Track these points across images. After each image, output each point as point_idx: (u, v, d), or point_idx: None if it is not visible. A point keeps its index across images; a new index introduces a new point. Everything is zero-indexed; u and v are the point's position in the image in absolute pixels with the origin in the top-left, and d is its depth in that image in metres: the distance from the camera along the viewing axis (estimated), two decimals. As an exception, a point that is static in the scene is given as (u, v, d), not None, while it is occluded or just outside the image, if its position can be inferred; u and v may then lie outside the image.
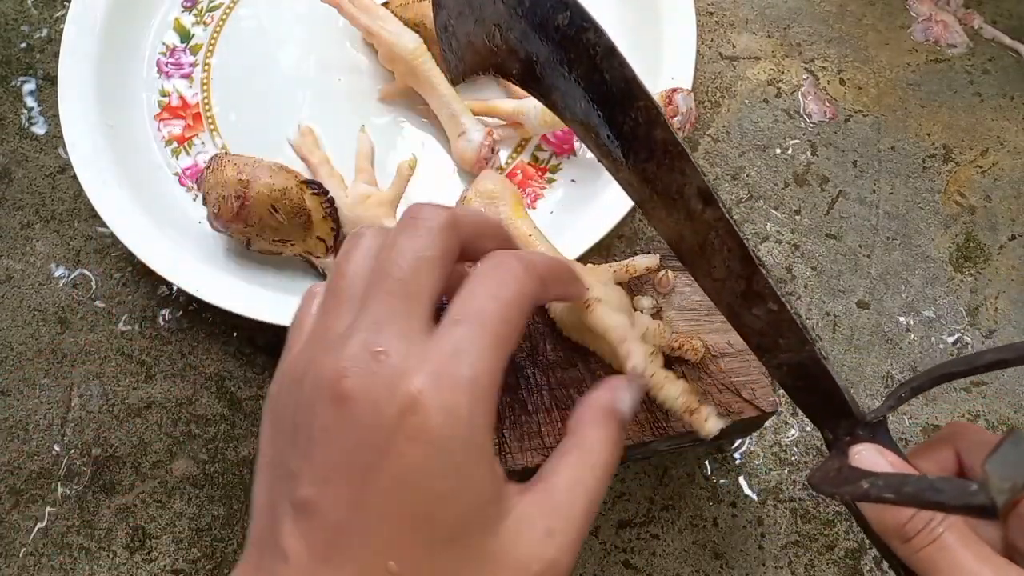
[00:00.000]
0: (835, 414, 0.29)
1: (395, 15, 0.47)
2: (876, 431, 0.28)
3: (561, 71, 0.28)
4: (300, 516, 0.22)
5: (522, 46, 0.30)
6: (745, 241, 0.27)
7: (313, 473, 0.22)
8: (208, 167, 0.42)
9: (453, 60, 0.34)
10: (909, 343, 0.46)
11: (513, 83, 0.32)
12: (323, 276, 0.44)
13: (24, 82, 0.52)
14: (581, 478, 0.25)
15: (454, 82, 0.35)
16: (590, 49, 0.28)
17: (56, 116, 0.46)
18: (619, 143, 0.25)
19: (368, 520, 0.22)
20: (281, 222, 0.41)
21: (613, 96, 0.27)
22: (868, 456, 0.27)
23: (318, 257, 0.43)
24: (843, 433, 0.29)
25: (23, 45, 0.53)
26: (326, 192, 0.42)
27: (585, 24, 0.28)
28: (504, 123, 0.47)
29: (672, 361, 0.35)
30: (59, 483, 0.42)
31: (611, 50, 0.27)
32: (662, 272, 0.37)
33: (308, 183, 0.42)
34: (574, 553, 0.24)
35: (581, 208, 0.44)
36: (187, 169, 0.47)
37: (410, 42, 0.45)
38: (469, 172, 0.47)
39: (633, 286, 0.37)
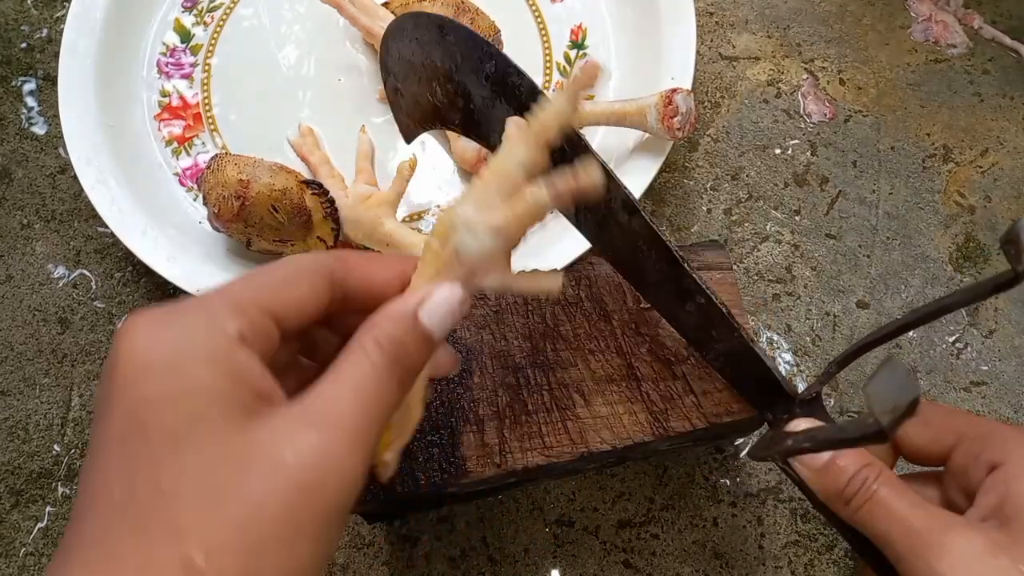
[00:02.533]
0: (772, 395, 0.32)
1: (395, 15, 0.47)
2: (813, 408, 0.31)
3: (495, 112, 0.32)
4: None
5: (460, 97, 0.34)
6: (668, 244, 0.30)
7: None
8: (208, 167, 0.42)
9: (404, 120, 0.38)
10: (909, 343, 0.46)
11: (457, 132, 0.36)
12: None
13: (24, 82, 0.52)
14: (368, 395, 0.22)
15: (407, 139, 0.39)
16: (515, 90, 0.32)
17: (56, 116, 0.46)
18: (552, 170, 0.26)
19: (93, 445, 0.21)
20: (281, 222, 0.41)
21: None
22: (799, 424, 0.31)
23: None
24: (781, 412, 0.32)
25: (23, 45, 0.53)
26: (326, 192, 0.42)
27: (509, 70, 0.32)
28: (504, 123, 0.47)
29: (672, 362, 0.35)
30: (59, 483, 0.42)
31: (533, 89, 0.31)
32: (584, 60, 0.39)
33: (308, 183, 0.42)
34: (344, 452, 0.21)
35: (581, 208, 0.45)
36: (187, 169, 0.47)
37: (410, 42, 0.45)
38: (469, 172, 0.47)
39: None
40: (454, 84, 0.33)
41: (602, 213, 0.31)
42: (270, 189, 0.40)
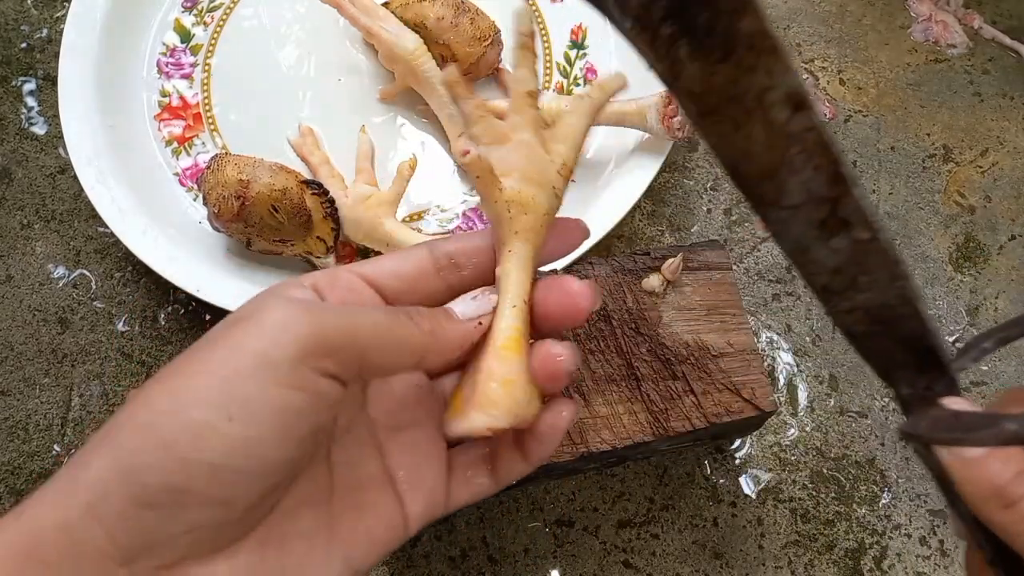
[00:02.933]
0: (916, 364, 0.25)
1: (395, 15, 0.47)
2: (951, 388, 0.25)
3: None
4: None
5: None
6: (839, 156, 0.22)
7: None
8: (208, 167, 0.42)
9: None
10: (909, 343, 0.46)
11: None
12: None
13: (24, 82, 0.52)
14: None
15: None
16: None
17: (56, 116, 0.46)
18: (687, 39, 0.21)
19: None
20: (281, 222, 0.41)
21: None
22: (955, 403, 0.25)
23: (318, 257, 0.43)
24: (923, 386, 0.25)
25: (23, 45, 0.53)
26: (326, 192, 0.42)
27: None
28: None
29: (672, 362, 0.35)
30: (59, 483, 0.42)
31: None
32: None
33: (308, 183, 0.42)
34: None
35: (581, 209, 0.44)
36: (187, 169, 0.47)
37: (410, 42, 0.45)
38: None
39: (640, 270, 0.37)
40: None
41: (749, 105, 0.23)
42: (270, 189, 0.40)
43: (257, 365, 0.21)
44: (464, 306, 0.25)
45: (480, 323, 0.25)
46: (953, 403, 0.25)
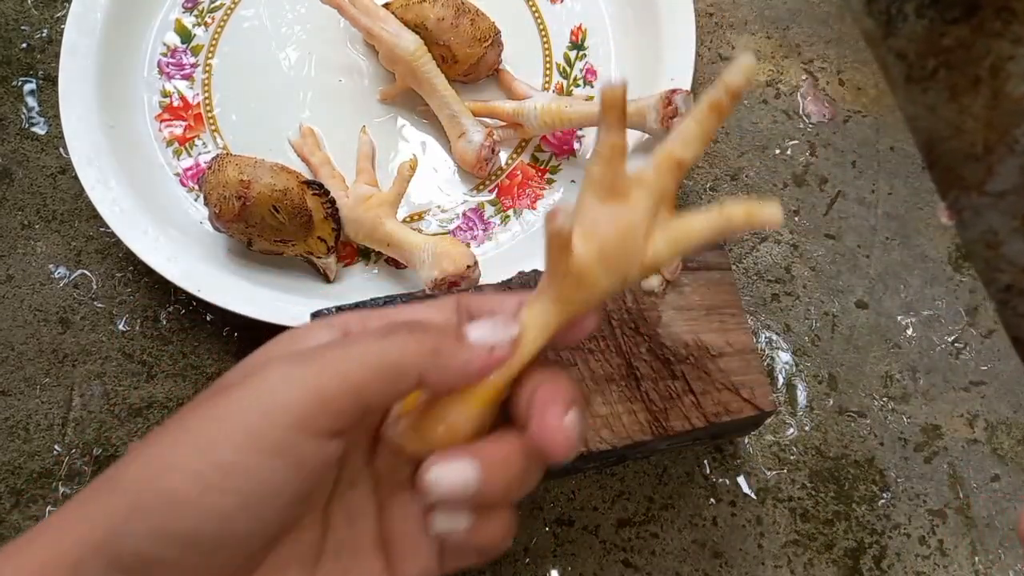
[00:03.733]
0: None
1: (396, 16, 0.47)
2: None
3: None
4: None
5: None
6: None
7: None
8: (209, 168, 0.42)
9: None
10: (908, 343, 0.46)
11: None
12: (324, 276, 0.44)
13: (24, 82, 0.52)
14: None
15: None
16: None
17: (56, 116, 0.46)
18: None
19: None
20: (282, 222, 0.41)
21: None
22: None
23: (319, 257, 0.43)
24: None
25: (23, 45, 0.53)
26: (327, 192, 0.42)
27: None
28: (504, 124, 0.47)
29: (671, 361, 0.36)
30: (60, 483, 0.42)
31: None
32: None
33: (309, 184, 0.42)
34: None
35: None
36: (188, 169, 0.47)
37: (411, 43, 0.45)
38: (470, 173, 0.47)
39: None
40: None
41: (981, 72, 0.23)
42: (271, 189, 0.40)
43: (242, 433, 0.20)
44: (481, 331, 0.23)
45: (494, 350, 0.23)
46: None
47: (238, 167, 0.41)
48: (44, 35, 0.54)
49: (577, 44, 0.51)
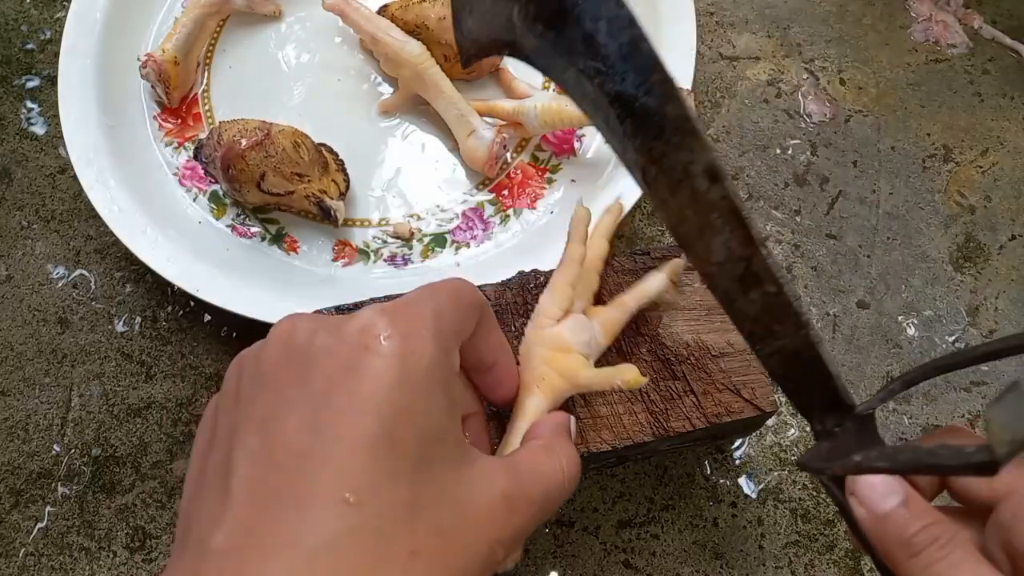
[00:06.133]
0: (826, 404, 0.29)
1: (394, 17, 0.47)
2: (865, 425, 0.28)
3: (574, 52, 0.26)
4: (246, 458, 0.21)
5: (537, 25, 0.27)
6: (748, 220, 0.26)
7: (257, 415, 0.22)
8: (221, 124, 0.44)
9: (466, 41, 0.31)
10: (909, 343, 0.46)
11: (524, 60, 0.29)
12: (332, 218, 0.43)
13: (24, 82, 0.52)
14: (546, 471, 0.26)
15: (465, 64, 0.31)
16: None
17: (56, 116, 0.46)
18: (629, 119, 0.24)
19: (323, 444, 0.20)
20: (302, 157, 0.42)
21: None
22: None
23: (331, 198, 0.43)
24: (832, 424, 0.29)
25: (23, 45, 0.53)
26: (337, 154, 0.46)
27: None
28: (504, 123, 0.47)
29: (672, 362, 0.35)
30: (59, 483, 0.42)
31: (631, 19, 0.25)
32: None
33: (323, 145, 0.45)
34: (518, 537, 0.24)
35: (581, 208, 0.45)
36: (187, 169, 0.47)
37: (416, 47, 0.45)
38: (479, 172, 0.47)
39: (640, 269, 0.37)
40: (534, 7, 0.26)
41: (678, 176, 0.26)
42: (292, 130, 0.43)
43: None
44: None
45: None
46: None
47: (244, 127, 0.43)
48: (44, 35, 0.54)
49: (577, 43, 0.51)
